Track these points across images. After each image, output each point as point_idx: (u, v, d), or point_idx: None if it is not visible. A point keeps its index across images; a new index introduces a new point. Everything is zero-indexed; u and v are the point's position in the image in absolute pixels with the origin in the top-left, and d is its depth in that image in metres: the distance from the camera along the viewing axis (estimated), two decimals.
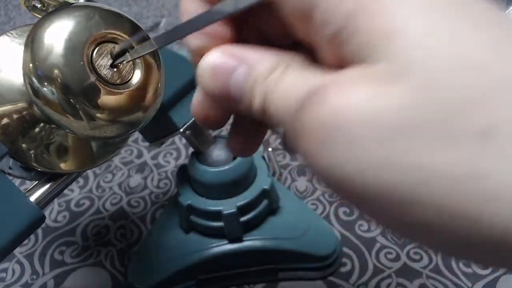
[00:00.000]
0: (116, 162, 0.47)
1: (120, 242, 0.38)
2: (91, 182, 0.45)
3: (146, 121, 0.20)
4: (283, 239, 0.33)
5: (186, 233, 0.34)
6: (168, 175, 0.45)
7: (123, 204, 0.42)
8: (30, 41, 0.17)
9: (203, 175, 0.31)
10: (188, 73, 0.29)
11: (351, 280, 0.34)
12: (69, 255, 0.37)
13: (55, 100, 0.17)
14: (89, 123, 0.18)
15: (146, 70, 0.19)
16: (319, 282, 0.34)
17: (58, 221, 0.40)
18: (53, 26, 0.17)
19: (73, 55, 0.17)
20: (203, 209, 0.32)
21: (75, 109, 0.17)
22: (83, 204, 0.42)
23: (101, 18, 0.18)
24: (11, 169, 0.22)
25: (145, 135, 0.34)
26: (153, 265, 0.33)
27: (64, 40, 0.17)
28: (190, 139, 0.32)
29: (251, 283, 0.34)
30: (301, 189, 0.42)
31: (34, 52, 0.17)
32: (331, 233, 0.35)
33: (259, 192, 0.32)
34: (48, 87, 0.17)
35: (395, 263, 0.35)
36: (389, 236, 0.37)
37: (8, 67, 0.20)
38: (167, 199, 0.42)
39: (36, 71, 0.17)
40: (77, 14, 0.17)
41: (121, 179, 0.45)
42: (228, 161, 0.32)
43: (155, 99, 0.20)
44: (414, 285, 0.33)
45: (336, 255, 0.35)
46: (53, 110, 0.17)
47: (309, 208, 0.38)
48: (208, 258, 0.32)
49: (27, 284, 0.35)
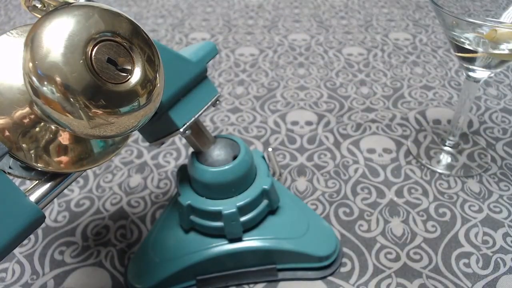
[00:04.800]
0: (116, 162, 0.47)
1: (120, 242, 0.38)
2: (91, 182, 0.45)
3: (145, 120, 0.20)
4: (283, 239, 0.33)
5: (186, 233, 0.34)
6: (168, 175, 0.45)
7: (123, 204, 0.42)
8: (29, 40, 0.17)
9: (203, 175, 0.31)
10: (188, 73, 0.29)
11: (351, 280, 0.34)
12: (69, 255, 0.37)
13: (55, 99, 0.17)
14: (89, 122, 0.18)
15: (146, 69, 0.19)
16: (319, 282, 0.34)
17: (58, 221, 0.40)
18: (53, 25, 0.17)
19: (73, 54, 0.17)
20: (203, 209, 0.32)
21: (75, 108, 0.17)
22: (83, 204, 0.42)
23: (101, 17, 0.18)
24: (11, 168, 0.22)
25: (145, 135, 0.34)
26: (153, 265, 0.33)
27: (64, 39, 0.17)
28: (190, 139, 0.32)
29: (251, 283, 0.34)
30: (301, 189, 0.42)
31: (34, 51, 0.17)
32: (331, 233, 0.35)
33: (259, 192, 0.32)
34: (48, 86, 0.17)
35: (395, 263, 0.35)
36: (389, 236, 0.37)
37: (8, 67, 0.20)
38: (167, 199, 0.42)
39: (36, 70, 0.17)
40: (76, 13, 0.17)
41: (121, 179, 0.45)
42: (228, 161, 0.32)
43: (154, 98, 0.20)
44: (414, 285, 0.33)
45: (336, 255, 0.35)
46: (53, 109, 0.17)
47: (309, 208, 0.38)
48: (208, 258, 0.32)
49: (27, 284, 0.35)
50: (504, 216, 0.39)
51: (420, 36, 0.71)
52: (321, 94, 0.57)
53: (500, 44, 0.34)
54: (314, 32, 0.74)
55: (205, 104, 0.31)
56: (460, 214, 0.39)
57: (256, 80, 0.61)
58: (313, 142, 0.49)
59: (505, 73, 0.60)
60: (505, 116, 0.51)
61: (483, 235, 0.37)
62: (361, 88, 0.58)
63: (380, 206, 0.40)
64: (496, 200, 0.40)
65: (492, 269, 0.34)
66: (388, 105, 0.54)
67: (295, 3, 0.87)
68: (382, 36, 0.71)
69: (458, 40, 0.36)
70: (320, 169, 0.45)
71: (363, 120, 0.52)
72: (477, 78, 0.39)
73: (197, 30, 0.76)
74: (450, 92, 0.57)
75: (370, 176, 0.44)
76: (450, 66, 0.62)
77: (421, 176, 0.43)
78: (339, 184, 0.43)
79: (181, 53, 0.30)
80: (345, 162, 0.45)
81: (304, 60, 0.65)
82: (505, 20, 0.37)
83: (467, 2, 0.39)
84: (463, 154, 0.45)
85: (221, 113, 0.54)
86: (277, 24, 0.78)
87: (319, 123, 0.51)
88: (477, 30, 0.35)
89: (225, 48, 0.70)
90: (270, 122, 0.52)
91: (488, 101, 0.54)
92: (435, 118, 0.52)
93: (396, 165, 0.45)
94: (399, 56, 0.65)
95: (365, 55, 0.66)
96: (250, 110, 0.54)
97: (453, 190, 0.41)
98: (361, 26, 0.75)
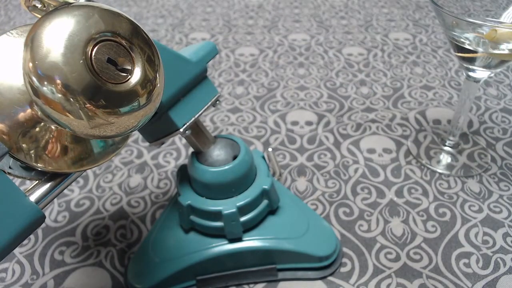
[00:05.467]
0: (116, 162, 0.47)
1: (120, 242, 0.38)
2: (91, 182, 0.45)
3: (145, 120, 0.20)
4: (283, 239, 0.33)
5: (186, 233, 0.34)
6: (168, 175, 0.45)
7: (123, 204, 0.42)
8: (30, 40, 0.17)
9: (203, 175, 0.31)
10: (188, 73, 0.29)
11: (351, 280, 0.34)
12: (69, 255, 0.37)
13: (55, 99, 0.17)
14: (89, 122, 0.18)
15: (146, 69, 0.19)
16: (319, 282, 0.34)
17: (58, 221, 0.40)
18: (53, 25, 0.17)
19: (73, 54, 0.17)
20: (203, 209, 0.32)
21: (75, 108, 0.17)
22: (83, 204, 0.42)
23: (101, 17, 0.18)
24: (11, 168, 0.22)
25: (145, 135, 0.34)
26: (153, 265, 0.33)
27: (64, 39, 0.17)
28: (190, 139, 0.32)
29: (251, 283, 0.34)
30: (301, 189, 0.42)
31: (34, 51, 0.17)
32: (331, 233, 0.35)
33: (259, 192, 0.32)
34: (48, 86, 0.17)
35: (395, 263, 0.35)
36: (389, 236, 0.37)
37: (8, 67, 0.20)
38: (167, 199, 0.42)
39: (36, 70, 0.17)
40: (76, 13, 0.17)
41: (121, 179, 0.45)
42: (228, 161, 0.32)
43: (154, 98, 0.20)
44: (414, 285, 0.33)
45: (336, 255, 0.35)
46: (53, 109, 0.17)
47: (309, 208, 0.38)
48: (208, 258, 0.32)
49: (27, 284, 0.35)
50: (504, 216, 0.39)
51: (420, 36, 0.71)
52: (321, 94, 0.57)
53: (500, 44, 0.34)
54: (314, 32, 0.74)
55: (205, 104, 0.31)
56: (460, 214, 0.39)
57: (256, 80, 0.61)
58: (313, 142, 0.49)
59: (505, 73, 0.60)
60: (505, 116, 0.51)
61: (483, 235, 0.37)
62: (361, 88, 0.58)
63: (380, 206, 0.40)
64: (496, 200, 0.40)
65: (492, 269, 0.34)
66: (388, 105, 0.54)
67: (295, 3, 0.87)
68: (382, 36, 0.71)
69: (458, 40, 0.36)
70: (320, 169, 0.45)
71: (363, 120, 0.52)
72: (477, 78, 0.39)
73: (197, 30, 0.76)
74: (450, 92, 0.57)
75: (370, 176, 0.44)
76: (450, 66, 0.62)
77: (421, 176, 0.43)
78: (339, 184, 0.43)
79: (181, 53, 0.30)
80: (345, 162, 0.45)
81: (304, 60, 0.65)
82: (505, 20, 0.37)
83: (467, 2, 0.39)
84: (463, 154, 0.45)
85: (221, 113, 0.54)
86: (277, 24, 0.78)
87: (319, 123, 0.51)
88: (477, 30, 0.35)
89: (225, 48, 0.70)
90: (270, 122, 0.52)
91: (488, 101, 0.54)
92: (435, 118, 0.52)
93: (396, 165, 0.45)
94: (399, 56, 0.65)
95: (365, 55, 0.66)
96: (250, 110, 0.54)
97: (453, 190, 0.41)
98: (361, 26, 0.75)
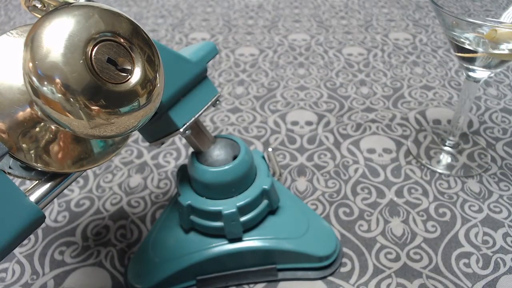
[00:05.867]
0: (116, 162, 0.47)
1: (120, 242, 0.38)
2: (91, 182, 0.45)
3: (146, 120, 0.20)
4: (283, 239, 0.33)
5: (186, 233, 0.34)
6: (168, 175, 0.45)
7: (123, 204, 0.42)
8: (30, 40, 0.17)
9: (203, 175, 0.31)
10: (188, 73, 0.29)
11: (351, 280, 0.34)
12: (69, 255, 0.37)
13: (55, 99, 0.17)
14: (89, 122, 0.18)
15: (146, 69, 0.19)
16: (319, 282, 0.34)
17: (58, 221, 0.40)
18: (53, 25, 0.17)
19: (73, 54, 0.17)
20: (203, 209, 0.32)
21: (75, 108, 0.17)
22: (83, 204, 0.42)
23: (101, 17, 0.18)
24: (11, 168, 0.22)
25: (145, 135, 0.34)
26: (153, 265, 0.33)
27: (64, 39, 0.17)
28: (190, 139, 0.32)
29: (251, 283, 0.34)
30: (301, 189, 0.42)
31: (34, 51, 0.17)
32: (331, 233, 0.35)
33: (259, 192, 0.32)
34: (48, 86, 0.17)
35: (395, 263, 0.35)
36: (389, 236, 0.37)
37: (8, 67, 0.20)
38: (167, 199, 0.42)
39: (36, 70, 0.17)
40: (76, 13, 0.17)
41: (121, 179, 0.45)
42: (228, 161, 0.32)
43: (154, 98, 0.20)
44: (414, 285, 0.33)
45: (336, 255, 0.35)
46: (53, 109, 0.17)
47: (309, 208, 0.38)
48: (208, 258, 0.32)
49: (27, 284, 0.35)
50: (504, 216, 0.39)
51: (420, 36, 0.71)
52: (321, 94, 0.57)
53: (500, 44, 0.34)
54: (314, 32, 0.74)
55: (205, 104, 0.31)
56: (460, 214, 0.39)
57: (256, 80, 0.61)
58: (313, 142, 0.49)
59: (505, 73, 0.60)
60: (505, 116, 0.51)
61: (483, 235, 0.37)
62: (361, 88, 0.58)
63: (380, 206, 0.40)
64: (496, 200, 0.40)
65: (492, 269, 0.34)
66: (388, 105, 0.54)
67: (295, 3, 0.87)
68: (382, 36, 0.71)
69: (458, 40, 0.36)
70: (320, 169, 0.45)
71: (363, 120, 0.52)
72: (477, 78, 0.39)
73: (197, 30, 0.76)
74: (450, 92, 0.57)
75: (370, 176, 0.44)
76: (450, 66, 0.62)
77: (421, 176, 0.43)
78: (339, 184, 0.43)
79: (181, 53, 0.30)
80: (345, 162, 0.45)
81: (304, 60, 0.65)
82: (505, 20, 0.37)
83: (467, 2, 0.39)
84: (463, 154, 0.45)
85: (221, 113, 0.54)
86: (277, 24, 0.78)
87: (319, 123, 0.51)
88: (477, 30, 0.35)
89: (225, 48, 0.70)
90: (270, 122, 0.52)
91: (488, 101, 0.54)
92: (435, 118, 0.52)
93: (396, 165, 0.45)
94: (399, 56, 0.65)
95: (365, 55, 0.66)
96: (250, 110, 0.54)
97: (453, 190, 0.41)
98: (361, 26, 0.75)
